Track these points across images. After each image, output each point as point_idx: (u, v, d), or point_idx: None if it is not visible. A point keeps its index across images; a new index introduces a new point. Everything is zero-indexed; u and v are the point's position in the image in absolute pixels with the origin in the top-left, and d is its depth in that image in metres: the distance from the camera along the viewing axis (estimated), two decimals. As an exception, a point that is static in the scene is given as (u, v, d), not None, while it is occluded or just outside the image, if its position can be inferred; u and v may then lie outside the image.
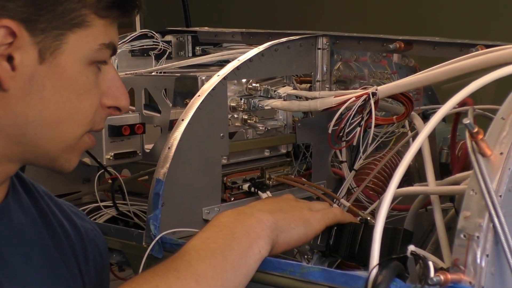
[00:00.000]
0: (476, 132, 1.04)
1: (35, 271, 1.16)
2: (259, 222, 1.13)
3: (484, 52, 1.32)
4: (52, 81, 1.02)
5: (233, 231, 1.09)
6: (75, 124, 1.06)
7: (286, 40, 1.63)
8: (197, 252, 1.06)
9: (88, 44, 1.03)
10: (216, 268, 1.04)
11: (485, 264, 1.01)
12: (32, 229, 1.18)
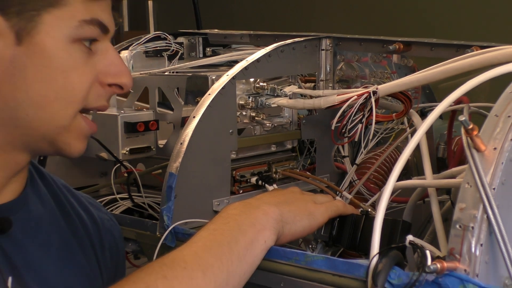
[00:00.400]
0: (471, 129, 1.04)
1: (52, 260, 1.16)
2: (265, 214, 1.12)
3: (479, 53, 1.32)
4: (33, 61, 1.00)
5: (240, 223, 1.09)
6: (64, 102, 1.03)
7: (291, 41, 1.63)
8: (204, 244, 1.06)
9: (66, 22, 1.00)
10: (222, 259, 1.04)
11: (479, 253, 1.01)
12: (51, 220, 1.18)
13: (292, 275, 1.16)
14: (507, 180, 1.04)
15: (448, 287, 0.99)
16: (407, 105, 1.48)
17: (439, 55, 1.55)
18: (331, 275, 1.12)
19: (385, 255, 1.04)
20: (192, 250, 1.04)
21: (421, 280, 0.99)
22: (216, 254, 1.04)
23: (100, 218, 1.30)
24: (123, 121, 1.68)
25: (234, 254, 1.05)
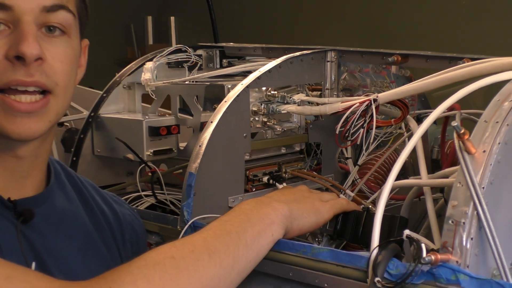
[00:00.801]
0: (463, 133, 1.04)
1: (75, 249, 1.16)
2: (274, 210, 1.12)
3: (469, 64, 1.31)
4: None
5: (250, 216, 1.09)
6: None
7: (299, 54, 1.63)
8: (214, 232, 1.06)
9: None
10: (229, 246, 1.03)
11: (470, 246, 1.00)
12: (75, 213, 1.19)
13: (300, 266, 1.16)
14: (495, 180, 1.04)
15: (441, 277, 0.99)
16: (405, 111, 1.48)
17: (433, 66, 1.55)
18: (335, 266, 1.11)
19: (384, 247, 1.04)
20: (202, 236, 1.04)
21: (417, 270, 0.99)
22: (224, 241, 1.04)
23: (122, 213, 1.31)
24: (148, 126, 1.69)
25: (241, 242, 1.05)
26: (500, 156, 1.05)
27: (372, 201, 1.47)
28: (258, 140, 1.60)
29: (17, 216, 1.06)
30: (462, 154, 1.04)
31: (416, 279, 1.00)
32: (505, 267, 1.01)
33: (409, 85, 1.41)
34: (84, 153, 1.82)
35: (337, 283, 1.11)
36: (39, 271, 1.07)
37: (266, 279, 1.22)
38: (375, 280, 1.02)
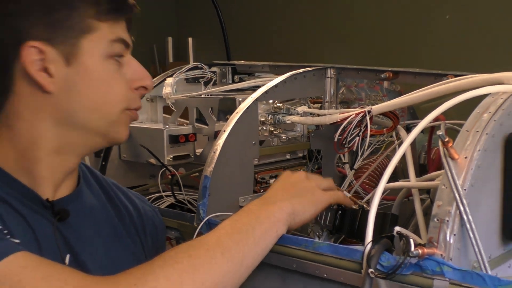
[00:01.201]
0: (447, 141, 1.04)
1: (103, 241, 1.17)
2: (280, 209, 1.12)
3: (453, 80, 1.31)
4: (81, 77, 1.05)
5: (258, 215, 1.09)
6: (110, 105, 1.08)
7: (302, 71, 1.64)
8: (226, 231, 1.05)
9: (99, 43, 1.06)
10: (239, 244, 1.03)
11: (453, 241, 1.00)
12: (101, 210, 1.21)
13: (302, 258, 1.16)
14: (475, 183, 1.04)
15: (428, 268, 0.99)
16: (395, 122, 1.48)
17: (421, 82, 1.55)
18: (333, 258, 1.12)
19: (377, 242, 1.04)
20: (216, 235, 1.04)
21: (406, 262, 0.99)
22: (235, 239, 1.03)
23: (144, 209, 1.32)
24: (168, 134, 1.69)
25: (250, 239, 1.05)
26: (480, 161, 1.06)
27: (366, 201, 1.47)
28: (265, 147, 1.61)
29: (54, 215, 1.08)
30: (446, 160, 1.04)
31: (405, 270, 1.01)
32: (484, 259, 1.01)
33: (399, 98, 1.41)
34: (112, 158, 1.83)
35: (335, 274, 1.11)
36: (73, 263, 1.08)
37: (272, 270, 1.22)
38: (368, 271, 1.02)
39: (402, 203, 1.44)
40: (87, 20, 1.04)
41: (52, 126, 1.07)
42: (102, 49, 1.06)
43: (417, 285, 1.01)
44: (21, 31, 1.02)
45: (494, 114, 1.11)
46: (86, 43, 1.05)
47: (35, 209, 1.07)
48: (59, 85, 1.04)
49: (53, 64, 1.03)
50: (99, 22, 1.05)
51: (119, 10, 1.09)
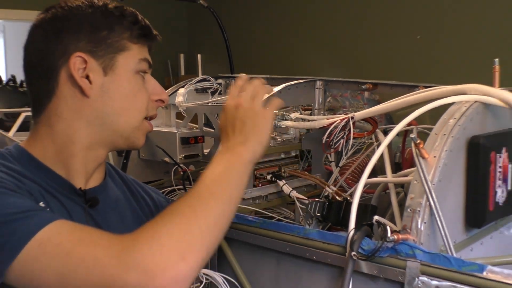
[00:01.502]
0: (419, 143, 1.05)
1: (127, 226, 1.17)
2: (246, 152, 1.06)
3: (423, 91, 1.31)
4: (115, 85, 1.09)
5: (231, 162, 1.03)
6: (136, 111, 1.12)
7: (295, 82, 1.64)
8: (210, 178, 1.00)
9: (131, 60, 1.10)
10: (225, 187, 0.99)
11: (424, 228, 1.01)
12: (125, 199, 1.22)
13: (294, 243, 1.16)
14: (443, 178, 1.04)
15: (402, 251, 0.99)
16: (374, 126, 1.48)
17: (396, 92, 1.55)
18: (321, 243, 1.12)
19: (359, 229, 1.04)
20: (204, 184, 0.99)
21: (383, 247, 0.99)
22: (220, 184, 0.99)
23: (159, 200, 1.32)
24: (180, 137, 1.69)
25: (232, 182, 1.01)
26: (447, 160, 1.06)
27: (349, 194, 1.47)
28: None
29: (85, 202, 1.09)
30: (418, 159, 1.04)
31: (383, 253, 1.01)
32: (450, 244, 1.01)
33: (378, 106, 1.41)
34: (132, 157, 1.83)
35: (323, 256, 1.11)
36: None
37: (269, 253, 1.22)
38: (351, 254, 1.02)
39: (380, 195, 1.44)
40: (122, 41, 1.09)
41: (86, 125, 1.09)
42: (133, 65, 1.10)
43: (393, 266, 1.01)
44: (71, 44, 1.06)
45: (459, 120, 1.11)
46: (121, 59, 1.09)
47: (70, 197, 1.08)
48: (96, 90, 1.07)
49: (93, 73, 1.07)
50: (132, 43, 1.10)
51: (147, 36, 1.14)
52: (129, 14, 1.12)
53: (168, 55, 6.00)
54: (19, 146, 1.10)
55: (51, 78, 1.07)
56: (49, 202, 1.02)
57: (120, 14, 1.11)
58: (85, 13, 1.09)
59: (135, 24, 1.12)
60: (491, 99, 1.17)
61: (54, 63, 1.07)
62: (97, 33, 1.08)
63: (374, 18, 4.45)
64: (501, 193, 1.17)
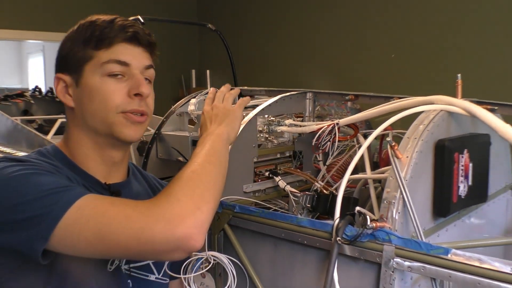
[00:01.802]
0: (394, 145, 1.05)
1: None
2: (221, 133, 1.11)
3: (397, 101, 1.32)
4: (85, 93, 1.04)
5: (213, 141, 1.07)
6: (107, 111, 1.02)
7: (289, 94, 1.64)
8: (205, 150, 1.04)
9: (96, 67, 1.03)
10: (217, 156, 1.04)
11: (398, 217, 1.01)
12: (145, 193, 1.21)
13: (288, 229, 1.16)
14: (414, 175, 1.05)
15: (379, 237, 1.00)
16: (356, 131, 1.48)
17: (374, 102, 1.55)
18: (311, 229, 1.12)
19: (343, 218, 1.05)
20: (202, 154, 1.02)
21: (364, 233, 1.00)
22: (213, 153, 1.04)
23: None
24: (192, 139, 1.69)
25: (218, 152, 1.05)
26: (417, 160, 1.06)
27: (335, 188, 1.47)
28: (262, 148, 1.61)
29: (110, 194, 1.08)
30: (393, 159, 1.04)
31: (363, 238, 1.01)
32: (420, 231, 1.01)
33: (359, 114, 1.41)
34: (151, 156, 1.83)
35: (312, 241, 1.11)
36: None
37: (266, 238, 1.22)
38: (337, 239, 1.02)
39: (361, 189, 1.44)
40: (88, 51, 1.04)
41: (81, 130, 1.07)
42: (98, 70, 1.04)
43: (372, 249, 1.01)
44: (56, 66, 1.08)
45: (427, 126, 1.12)
46: (87, 68, 1.04)
47: (96, 189, 1.07)
48: (75, 102, 1.06)
49: (70, 87, 1.06)
50: (96, 50, 1.04)
51: (112, 36, 1.04)
52: (99, 23, 1.06)
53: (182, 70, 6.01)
54: (55, 146, 1.10)
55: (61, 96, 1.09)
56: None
57: (92, 27, 1.05)
58: (68, 36, 1.07)
59: (94, 33, 1.04)
60: (454, 108, 1.17)
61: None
62: (67, 53, 1.06)
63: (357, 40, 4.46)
64: (463, 188, 1.17)
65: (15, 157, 0.99)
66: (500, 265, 0.86)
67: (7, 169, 0.93)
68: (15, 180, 0.91)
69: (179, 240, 0.85)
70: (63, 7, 5.10)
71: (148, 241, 0.85)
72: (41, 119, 3.07)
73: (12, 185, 0.90)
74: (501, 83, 3.49)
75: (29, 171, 0.93)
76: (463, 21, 3.72)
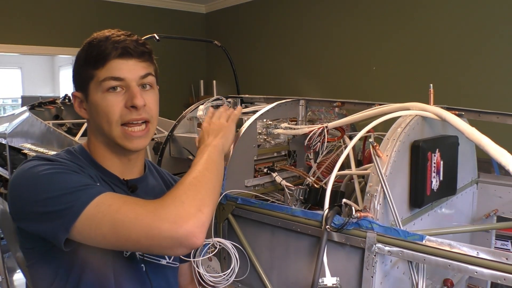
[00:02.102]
0: (375, 145, 1.04)
1: None
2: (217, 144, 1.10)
3: (378, 107, 1.31)
4: (93, 109, 1.03)
5: (210, 152, 1.06)
6: (109, 124, 1.01)
7: (284, 101, 1.63)
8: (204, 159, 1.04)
9: (97, 85, 1.01)
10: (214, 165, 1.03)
11: (379, 208, 1.00)
12: (159, 188, 1.20)
13: (284, 219, 1.16)
14: (393, 171, 1.04)
15: (363, 225, 0.99)
16: (342, 133, 1.48)
17: (358, 108, 1.55)
18: (304, 219, 1.11)
19: (331, 209, 1.04)
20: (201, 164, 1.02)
21: (349, 222, 0.99)
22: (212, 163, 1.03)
23: None
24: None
25: (214, 162, 1.04)
26: (396, 158, 1.05)
27: (324, 182, 1.47)
28: (261, 148, 1.60)
29: (128, 189, 1.07)
30: (375, 157, 1.04)
31: (349, 226, 1.00)
32: (398, 220, 1.01)
33: (345, 118, 1.41)
34: (165, 155, 1.82)
35: (305, 229, 1.11)
36: None
37: (264, 226, 1.22)
38: (326, 227, 1.01)
39: (347, 184, 1.43)
40: (90, 71, 1.02)
41: (97, 137, 1.07)
42: (99, 87, 1.01)
43: (357, 236, 1.00)
44: (73, 83, 1.07)
45: (404, 129, 1.11)
46: (91, 86, 1.02)
47: (116, 184, 1.07)
48: (88, 115, 1.06)
49: (82, 102, 1.06)
50: (95, 70, 1.01)
51: (104, 55, 1.00)
52: (88, 46, 1.03)
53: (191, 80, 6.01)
54: (81, 146, 1.10)
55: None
56: (103, 185, 1.03)
57: (86, 48, 1.03)
58: (79, 55, 1.05)
59: (91, 53, 1.01)
60: (427, 114, 1.17)
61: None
62: (77, 73, 1.05)
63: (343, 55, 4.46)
64: (435, 182, 1.17)
65: (46, 156, 0.99)
66: (468, 249, 0.86)
67: (38, 167, 0.93)
68: (44, 177, 0.91)
69: (183, 238, 0.86)
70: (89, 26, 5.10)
71: (155, 237, 0.86)
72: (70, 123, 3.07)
73: (42, 182, 0.91)
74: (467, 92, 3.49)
75: (57, 170, 0.93)
76: (434, 39, 3.73)
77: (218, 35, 5.66)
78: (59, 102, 3.45)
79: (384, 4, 4.08)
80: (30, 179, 0.93)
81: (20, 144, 2.74)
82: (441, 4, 3.66)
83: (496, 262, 0.82)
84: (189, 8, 5.98)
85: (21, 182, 0.94)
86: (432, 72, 3.72)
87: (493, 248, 1.59)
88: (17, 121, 3.07)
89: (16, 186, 0.94)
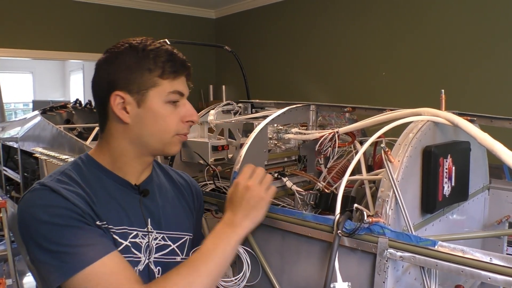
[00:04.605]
0: (387, 151, 1.04)
1: (170, 206, 1.19)
2: (245, 228, 1.10)
3: (390, 113, 1.31)
4: (147, 115, 1.04)
5: (229, 240, 1.06)
6: (165, 133, 1.06)
7: (295, 106, 1.64)
8: (208, 248, 1.04)
9: (161, 94, 1.04)
10: (221, 259, 1.03)
11: (391, 213, 1.00)
12: (167, 186, 1.22)
13: (295, 223, 1.16)
14: (404, 177, 1.04)
15: (375, 230, 0.99)
16: (353, 138, 1.48)
17: (369, 114, 1.55)
18: (315, 223, 1.11)
19: (343, 213, 1.04)
20: (206, 255, 1.03)
21: (361, 227, 0.99)
22: (215, 255, 1.03)
23: (194, 187, 1.33)
24: (211, 145, 1.69)
25: (224, 254, 1.05)
26: (407, 164, 1.05)
27: (335, 187, 1.47)
28: (272, 153, 1.61)
29: (139, 193, 1.10)
30: (386, 162, 1.04)
31: (360, 231, 1.00)
32: (410, 225, 1.01)
33: (356, 124, 1.41)
34: (176, 159, 1.83)
35: (316, 233, 1.11)
36: (152, 223, 1.10)
37: (276, 231, 1.22)
38: (337, 232, 1.02)
39: (358, 189, 1.43)
40: (154, 79, 1.04)
41: (130, 143, 1.08)
42: (162, 97, 1.04)
43: (368, 241, 1.00)
44: (113, 83, 1.04)
45: (416, 134, 1.11)
46: (152, 93, 1.04)
47: (126, 190, 1.10)
48: (133, 119, 1.05)
49: (129, 105, 1.05)
50: (162, 79, 1.04)
51: (177, 71, 1.06)
52: (162, 54, 1.05)
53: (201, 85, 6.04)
54: (89, 155, 1.11)
55: (104, 107, 1.07)
56: (107, 204, 1.04)
57: (154, 55, 1.04)
58: (125, 57, 1.04)
59: (167, 62, 1.04)
60: (439, 119, 1.17)
61: (104, 97, 1.06)
62: (132, 75, 1.03)
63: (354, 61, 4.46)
64: (447, 188, 1.16)
65: (49, 186, 0.98)
66: (481, 255, 0.86)
67: (40, 211, 0.94)
68: (44, 228, 0.93)
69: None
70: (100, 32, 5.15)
71: None
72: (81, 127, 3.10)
73: (41, 231, 0.93)
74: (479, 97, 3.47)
75: (58, 220, 0.94)
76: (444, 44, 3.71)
77: (227, 40, 5.69)
78: (70, 107, 3.49)
79: (393, 10, 4.08)
80: (31, 223, 0.94)
81: (31, 148, 2.78)
82: (450, 9, 3.65)
83: (509, 268, 0.82)
84: (199, 13, 6.03)
85: (26, 222, 0.95)
86: (442, 77, 3.70)
87: (505, 254, 1.58)
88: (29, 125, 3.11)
89: (20, 223, 0.96)
